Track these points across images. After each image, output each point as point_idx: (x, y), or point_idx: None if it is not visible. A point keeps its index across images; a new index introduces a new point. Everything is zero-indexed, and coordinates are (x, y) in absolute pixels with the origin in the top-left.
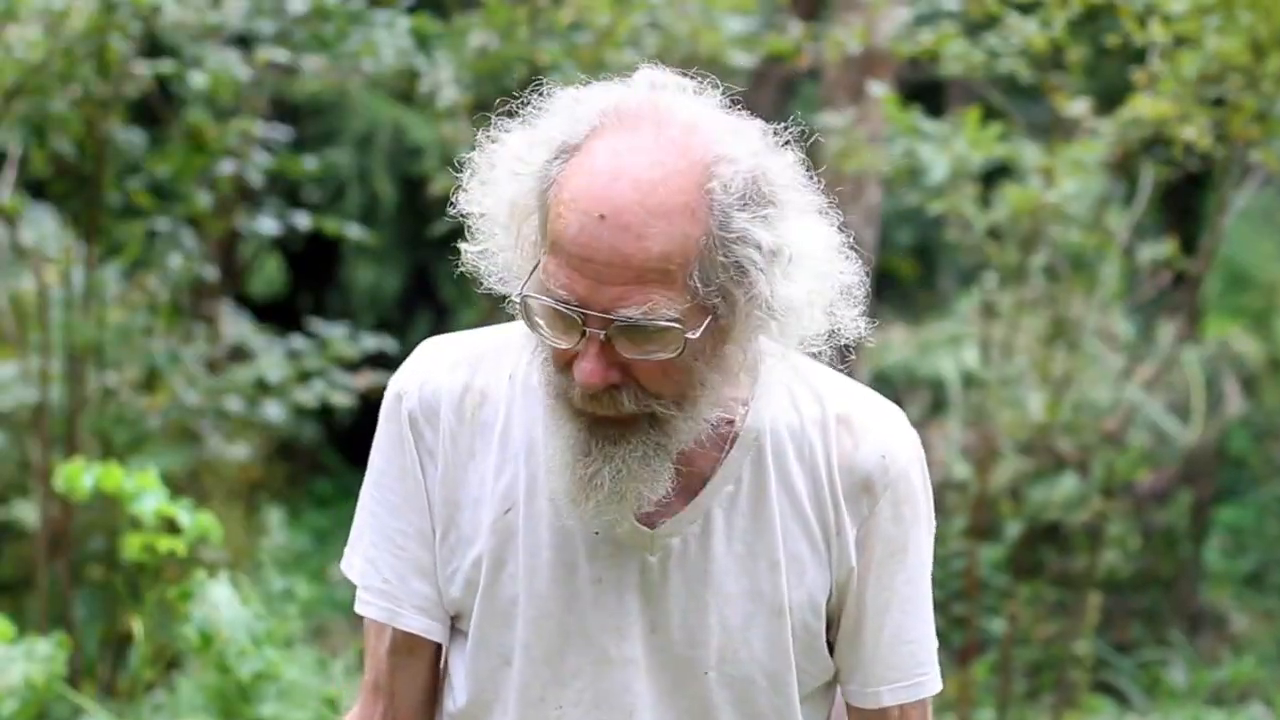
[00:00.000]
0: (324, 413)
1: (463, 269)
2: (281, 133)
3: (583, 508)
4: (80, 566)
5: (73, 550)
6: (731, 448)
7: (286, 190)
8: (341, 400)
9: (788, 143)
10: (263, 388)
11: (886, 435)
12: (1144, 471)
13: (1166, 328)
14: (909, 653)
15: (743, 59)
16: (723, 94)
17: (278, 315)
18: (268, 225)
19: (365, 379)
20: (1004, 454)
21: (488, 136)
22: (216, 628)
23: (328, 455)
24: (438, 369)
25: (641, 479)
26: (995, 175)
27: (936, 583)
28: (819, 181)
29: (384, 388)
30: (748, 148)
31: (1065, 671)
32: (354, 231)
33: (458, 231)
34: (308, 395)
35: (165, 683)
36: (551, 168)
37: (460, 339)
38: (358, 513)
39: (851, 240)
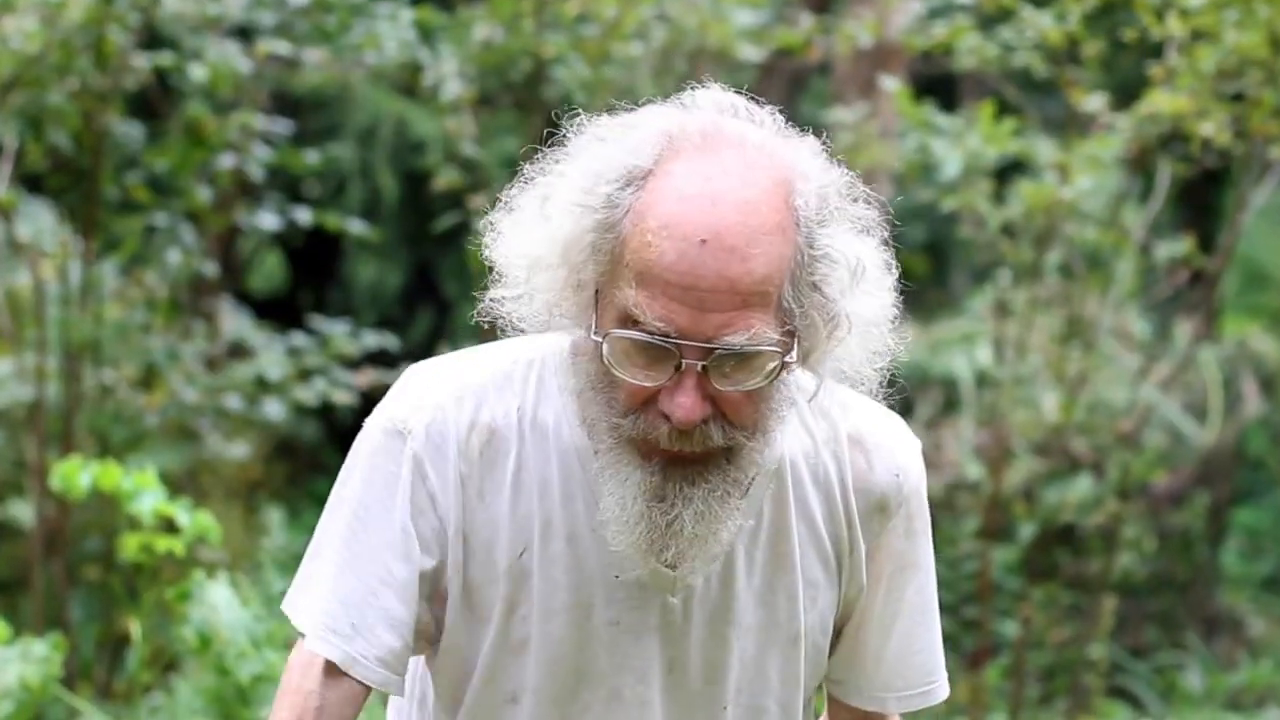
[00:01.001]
0: (324, 411)
1: (477, 319)
2: (282, 126)
3: (662, 557)
4: (77, 567)
5: (69, 550)
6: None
7: (287, 185)
8: (343, 398)
9: (835, 157)
10: (262, 385)
11: (898, 452)
12: (1160, 473)
13: (1183, 327)
14: (918, 662)
15: (752, 52)
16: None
17: (278, 312)
18: (268, 220)
19: (366, 377)
20: (1017, 454)
21: (520, 180)
22: (215, 629)
23: (328, 454)
24: (441, 404)
25: (722, 519)
26: (1009, 171)
27: (947, 585)
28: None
29: (387, 386)
30: (816, 165)
31: (1079, 676)
32: (356, 227)
33: (461, 228)
34: (308, 393)
35: (163, 685)
36: (622, 197)
37: (454, 368)
38: (318, 546)
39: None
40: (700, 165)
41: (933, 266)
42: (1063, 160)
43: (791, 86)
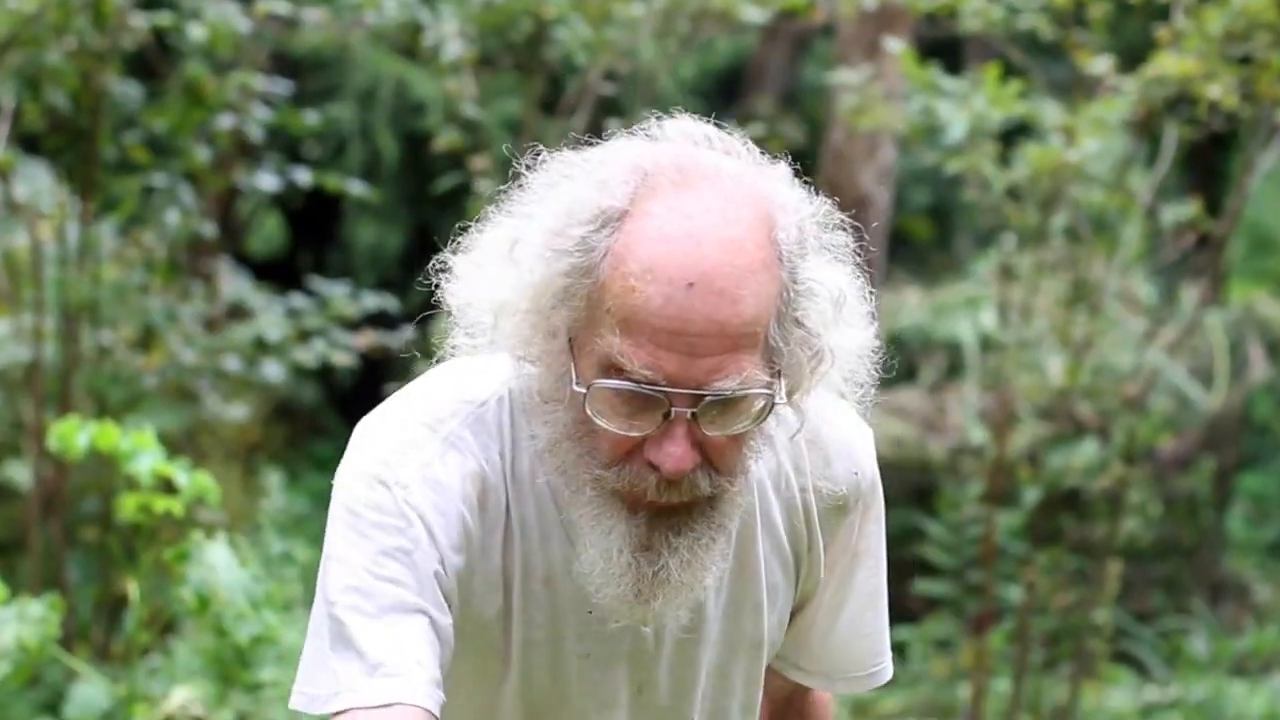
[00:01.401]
0: (324, 373)
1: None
2: (282, 87)
3: (649, 608)
4: (74, 528)
5: (66, 511)
6: None
7: (287, 146)
8: (342, 360)
9: (807, 182)
10: (261, 347)
11: (855, 447)
12: (1166, 437)
13: (1189, 291)
14: (865, 646)
15: (755, 14)
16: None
17: (277, 274)
18: (267, 181)
19: (366, 338)
20: (1022, 418)
21: (476, 224)
22: (214, 590)
23: (327, 417)
24: (428, 460)
25: (706, 565)
26: (1014, 134)
27: (951, 549)
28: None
29: (386, 348)
30: (793, 194)
31: (1084, 641)
32: (356, 188)
33: (461, 189)
34: (308, 355)
35: (161, 647)
36: (597, 239)
37: (423, 413)
38: (323, 625)
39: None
40: (679, 203)
41: (937, 230)
42: (1068, 123)
43: (795, 48)
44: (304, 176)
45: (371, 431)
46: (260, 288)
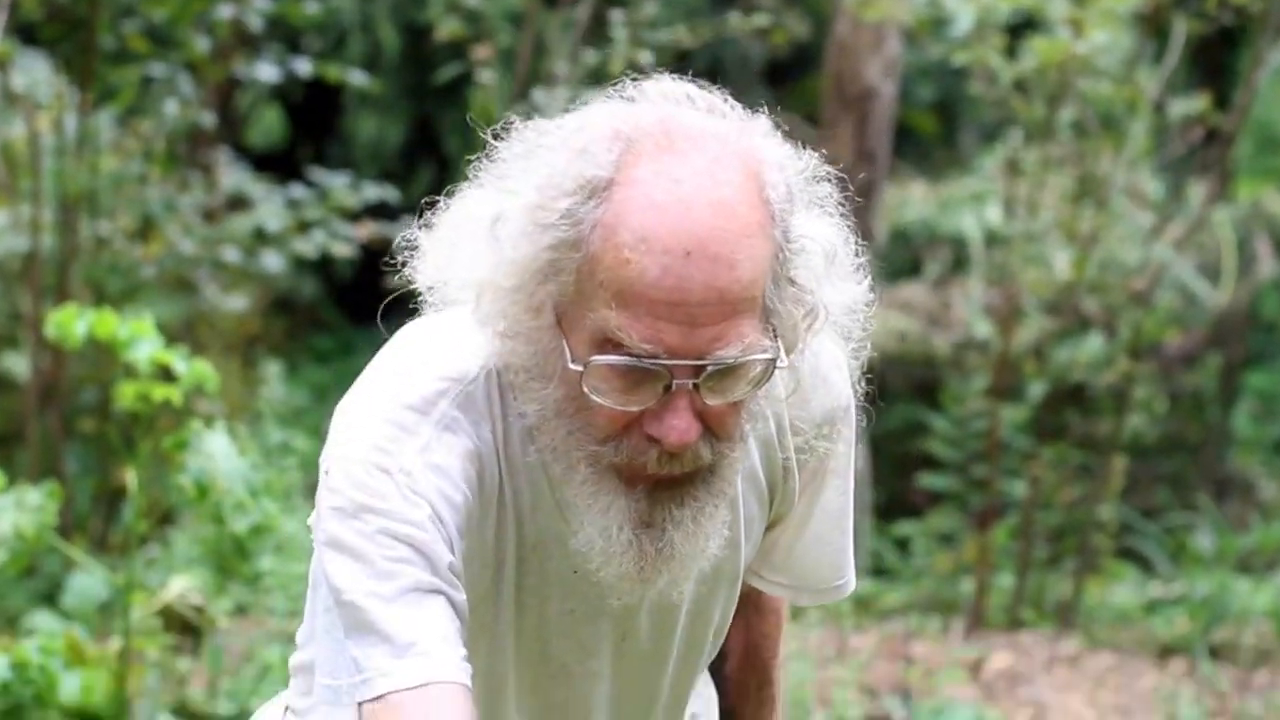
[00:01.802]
0: (323, 266)
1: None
2: None
3: (653, 584)
4: (72, 419)
5: (64, 403)
6: None
7: (287, 37)
8: (342, 250)
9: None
10: (261, 237)
11: (829, 378)
12: (1172, 333)
13: (1197, 187)
14: (829, 561)
15: None
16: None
17: (277, 167)
18: (267, 72)
19: (366, 229)
20: (1027, 313)
21: (446, 201)
22: (213, 478)
23: (327, 310)
24: (427, 443)
25: (709, 534)
26: (1022, 27)
27: (955, 443)
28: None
29: (387, 240)
30: (778, 150)
31: (1088, 536)
32: (356, 78)
33: (463, 80)
34: (307, 245)
35: (159, 538)
36: (584, 211)
37: (410, 392)
38: (336, 617)
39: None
40: (666, 168)
41: (942, 124)
42: (1076, 15)
43: None
44: (304, 67)
45: (359, 416)
46: (260, 179)
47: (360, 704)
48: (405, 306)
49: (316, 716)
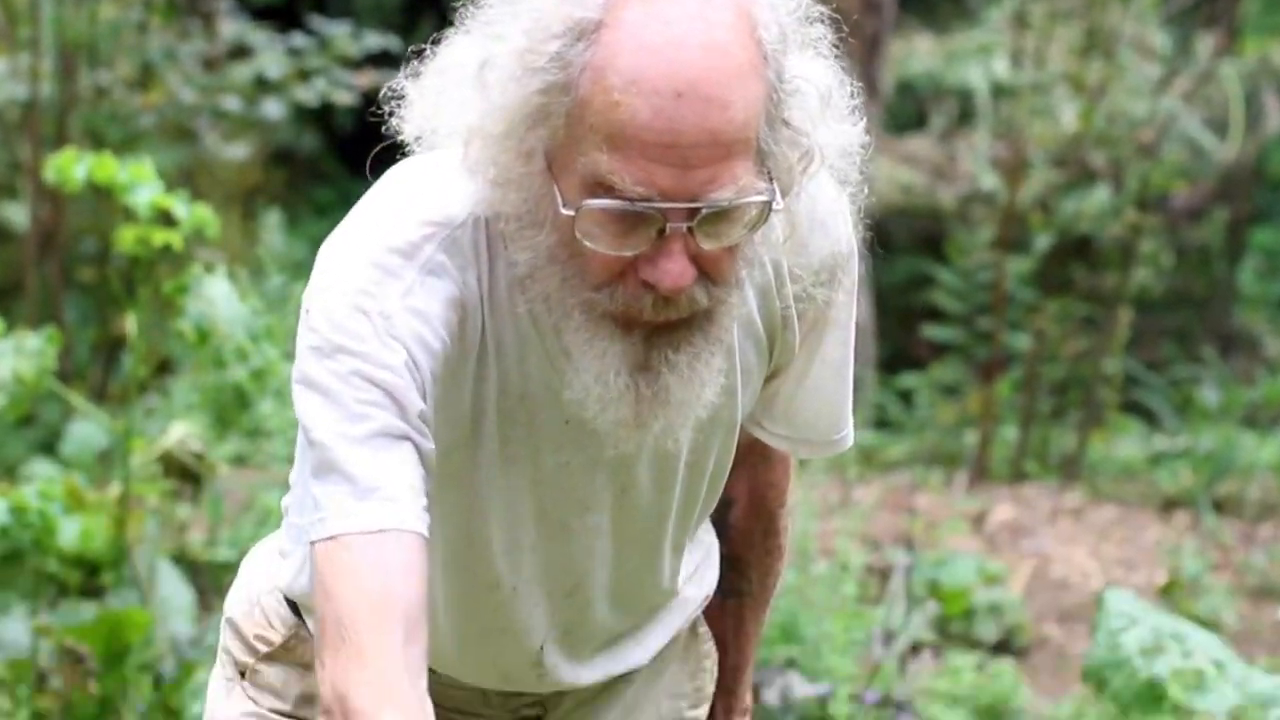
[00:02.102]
0: (324, 117)
1: None
2: None
3: (649, 430)
4: (71, 269)
5: (64, 253)
6: None
7: None
8: (343, 99)
9: None
10: (261, 85)
11: (829, 224)
12: (1179, 185)
13: (1204, 40)
14: (828, 413)
15: None
16: None
17: (278, 16)
18: None
19: (368, 77)
20: (1034, 165)
21: (433, 50)
22: (213, 323)
23: (328, 162)
24: (409, 287)
25: (706, 381)
26: None
27: (960, 295)
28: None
29: (389, 90)
30: None
31: (1093, 390)
32: None
33: None
34: (308, 94)
35: (159, 387)
36: (573, 53)
37: (393, 235)
38: (306, 454)
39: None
40: (656, 9)
41: None
42: None
43: None
44: None
45: (343, 257)
46: (260, 28)
47: (313, 542)
48: (397, 158)
49: (296, 559)
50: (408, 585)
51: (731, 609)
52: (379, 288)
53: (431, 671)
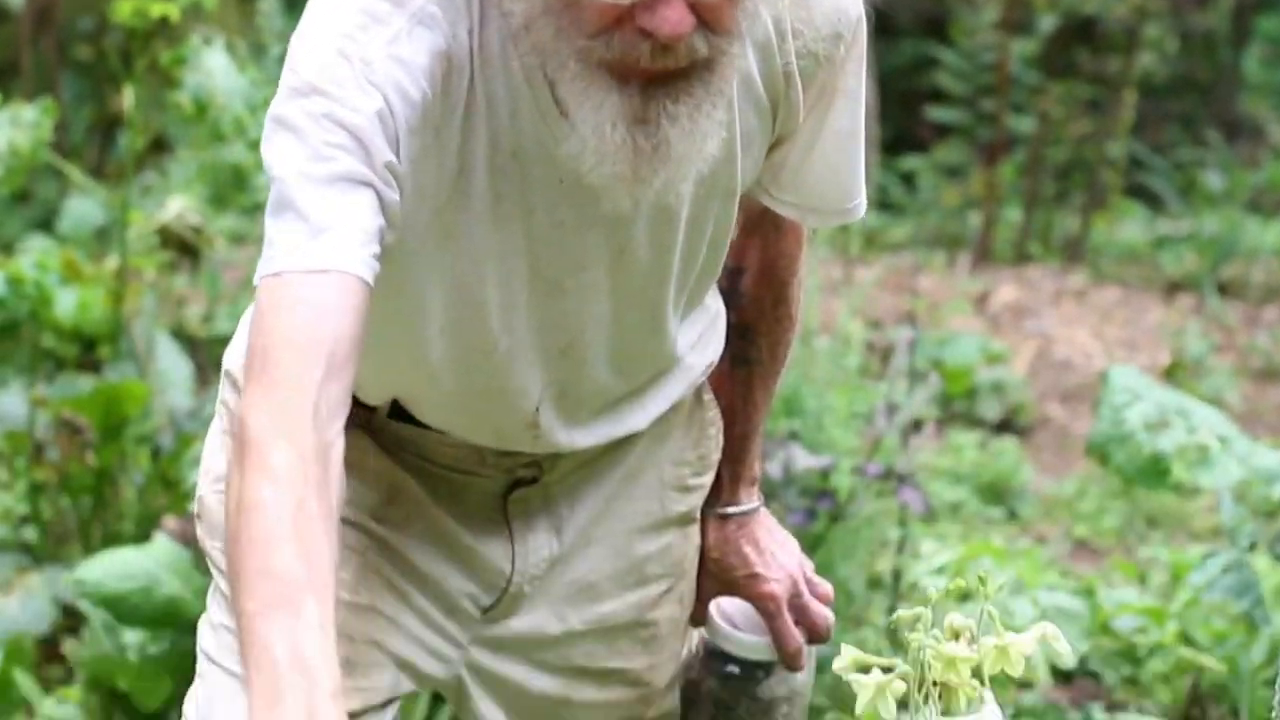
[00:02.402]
0: None
1: None
2: None
3: (649, 186)
4: (68, 47)
5: (60, 30)
6: None
7: None
8: None
9: None
10: None
11: None
12: None
13: None
14: (839, 182)
15: None
16: None
17: None
18: None
19: None
20: None
21: None
22: (211, 95)
23: None
24: (396, 34)
25: (707, 134)
26: None
27: (964, 76)
28: None
29: None
30: None
31: (1097, 172)
32: None
33: None
34: None
35: (156, 165)
36: None
37: None
38: (277, 185)
39: None
40: None
41: None
42: None
43: None
44: None
45: (334, 1)
46: None
47: (258, 280)
48: None
49: None
50: (339, 324)
51: (740, 377)
52: (364, 33)
53: (427, 428)
